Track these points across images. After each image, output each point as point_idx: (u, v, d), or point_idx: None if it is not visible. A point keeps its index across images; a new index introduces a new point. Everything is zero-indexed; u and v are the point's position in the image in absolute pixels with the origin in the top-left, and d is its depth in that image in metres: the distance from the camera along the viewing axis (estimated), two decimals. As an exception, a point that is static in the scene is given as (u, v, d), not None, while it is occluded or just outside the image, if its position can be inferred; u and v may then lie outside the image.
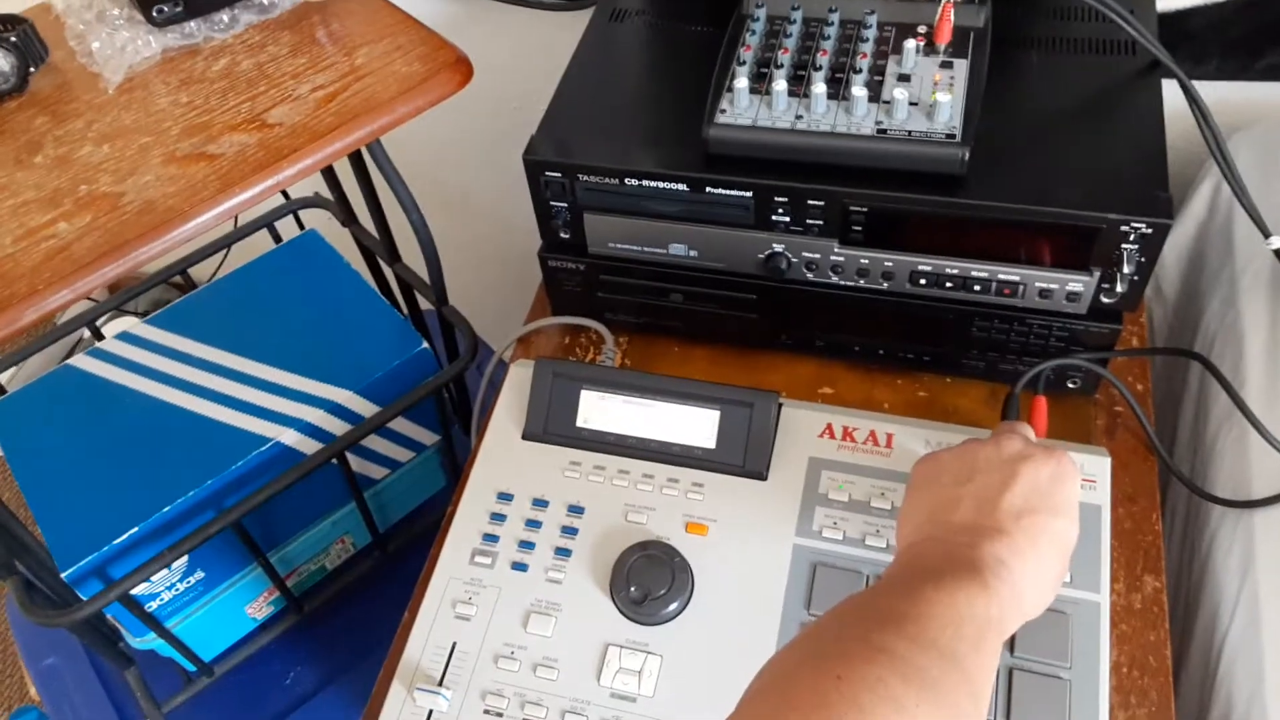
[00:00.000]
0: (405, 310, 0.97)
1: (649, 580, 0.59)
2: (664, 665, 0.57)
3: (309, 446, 0.80)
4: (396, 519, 0.97)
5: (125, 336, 0.88)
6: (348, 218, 1.00)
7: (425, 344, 0.85)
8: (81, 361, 0.86)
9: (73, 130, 0.65)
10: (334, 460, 0.79)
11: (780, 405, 0.65)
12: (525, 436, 0.67)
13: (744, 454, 0.64)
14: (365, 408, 0.82)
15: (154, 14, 0.68)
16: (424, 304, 0.94)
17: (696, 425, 0.65)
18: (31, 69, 0.69)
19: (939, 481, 0.53)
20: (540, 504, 0.64)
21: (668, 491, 0.63)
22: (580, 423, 0.66)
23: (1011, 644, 0.56)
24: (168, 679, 0.88)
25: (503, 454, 0.67)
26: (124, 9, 0.70)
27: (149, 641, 0.82)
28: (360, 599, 0.95)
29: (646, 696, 0.56)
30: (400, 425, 0.88)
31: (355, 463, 0.84)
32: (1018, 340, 0.71)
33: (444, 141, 1.24)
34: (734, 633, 0.58)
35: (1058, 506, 0.51)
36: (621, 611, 0.59)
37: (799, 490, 0.63)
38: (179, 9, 0.68)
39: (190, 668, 0.87)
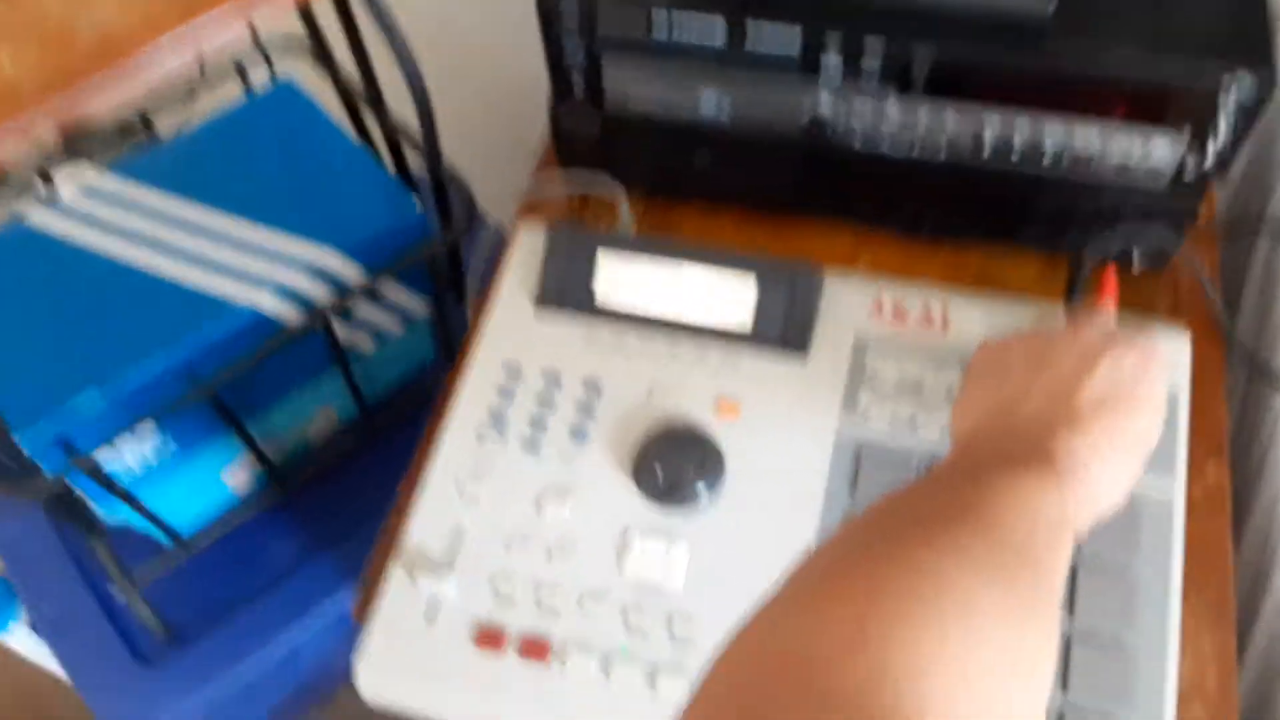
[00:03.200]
0: (393, 167, 0.88)
1: (676, 464, 0.53)
2: (692, 555, 0.52)
3: (288, 312, 0.73)
4: (383, 391, 0.90)
5: (83, 189, 0.79)
6: (326, 61, 0.89)
7: (417, 202, 0.77)
8: (34, 214, 0.78)
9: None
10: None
11: (822, 275, 0.59)
12: (538, 304, 0.60)
13: (783, 327, 0.57)
14: (351, 272, 0.75)
15: None
16: (414, 162, 0.85)
17: (730, 294, 0.58)
18: None
19: (1005, 370, 0.48)
20: (555, 380, 0.58)
21: (697, 370, 0.57)
22: (598, 291, 0.60)
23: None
24: (144, 555, 0.83)
25: (511, 324, 0.60)
26: None
27: (121, 519, 0.76)
28: (346, 475, 0.90)
29: (674, 588, 0.51)
30: (390, 293, 0.81)
31: (341, 332, 0.77)
32: (1087, 209, 0.64)
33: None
34: (769, 522, 0.53)
35: (1141, 401, 0.45)
36: (645, 495, 0.53)
37: (843, 370, 0.57)
38: None
39: (166, 542, 0.82)
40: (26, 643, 0.96)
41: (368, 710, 0.54)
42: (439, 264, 0.79)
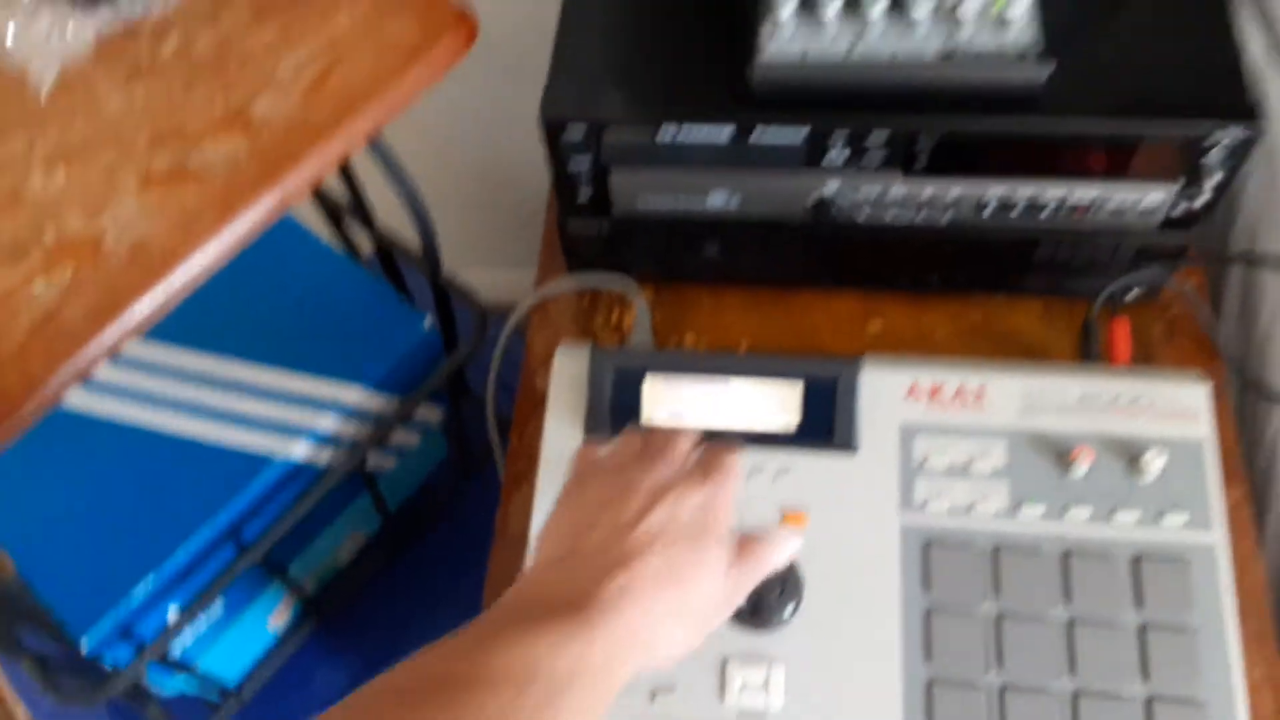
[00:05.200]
0: (382, 272, 0.88)
1: (758, 587, 0.55)
2: (788, 675, 0.54)
3: (322, 453, 0.73)
4: (404, 499, 0.91)
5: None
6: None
7: (429, 321, 0.77)
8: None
9: (13, 154, 0.54)
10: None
11: (858, 368, 0.61)
12: (587, 430, 0.62)
13: (831, 427, 0.59)
14: (376, 402, 0.75)
15: (75, -11, 0.56)
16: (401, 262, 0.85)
17: (774, 402, 0.60)
18: (-68, 74, 0.56)
19: (584, 493, 0.46)
20: (620, 509, 0.59)
21: (756, 480, 0.59)
22: (646, 414, 0.61)
23: (1140, 599, 0.54)
24: (195, 714, 0.83)
25: (566, 453, 0.61)
26: (32, -15, 0.58)
27: (175, 690, 0.76)
28: (377, 591, 0.90)
29: (776, 712, 0.53)
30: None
31: (370, 458, 0.78)
32: (1083, 256, 0.67)
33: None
34: (853, 628, 0.55)
35: (704, 534, 0.44)
36: (733, 622, 0.55)
37: (895, 461, 0.59)
38: (102, -21, 0.56)
39: (216, 698, 0.82)
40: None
41: None
42: (454, 377, 0.80)
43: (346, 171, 0.81)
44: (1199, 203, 0.62)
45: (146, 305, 0.48)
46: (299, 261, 0.82)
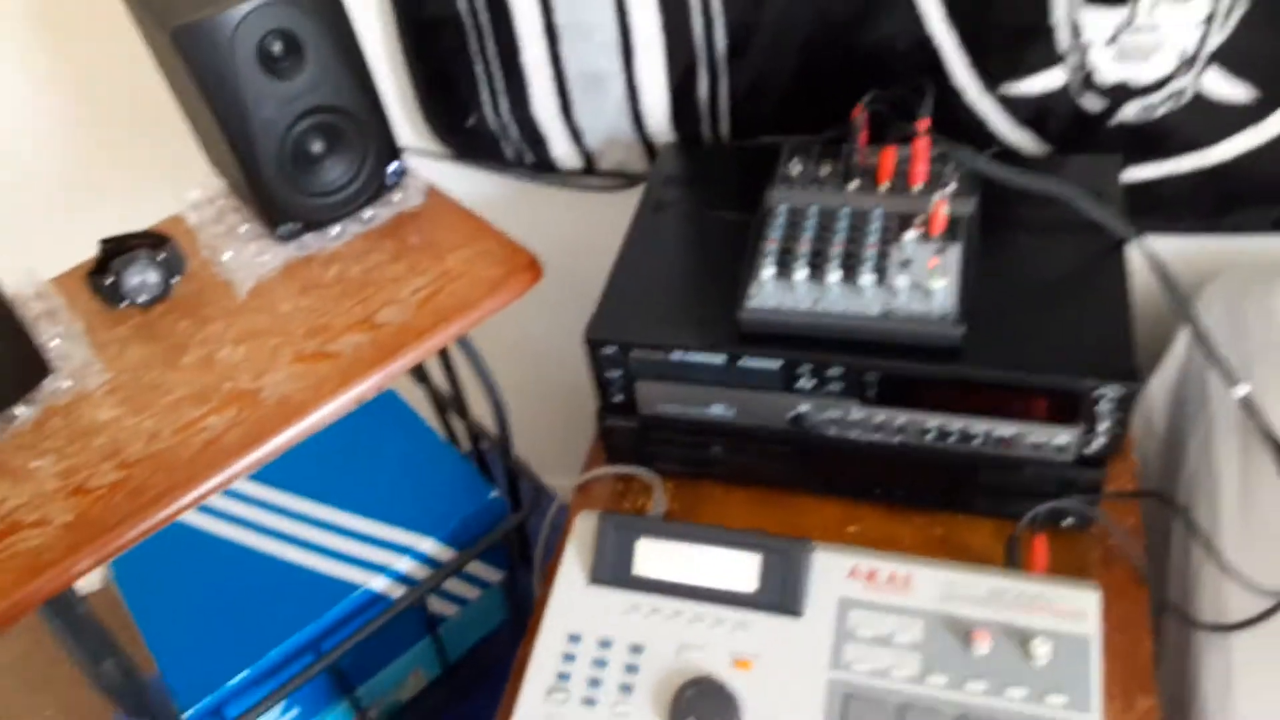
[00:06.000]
0: (468, 448, 1.09)
1: (704, 714, 0.68)
2: (720, 789, 0.66)
3: (396, 589, 0.91)
4: (464, 651, 1.07)
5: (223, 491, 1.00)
6: (421, 376, 1.13)
7: (496, 491, 0.97)
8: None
9: (213, 333, 0.78)
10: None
11: (812, 550, 0.75)
12: (591, 580, 0.78)
13: (781, 594, 0.74)
14: (443, 553, 0.93)
15: (279, 232, 0.82)
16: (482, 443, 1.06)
17: (739, 569, 0.75)
18: (174, 279, 0.82)
19: None
20: (606, 644, 0.74)
21: (716, 630, 0.73)
22: (637, 569, 0.77)
23: (1021, 765, 0.64)
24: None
25: (571, 597, 0.77)
26: (250, 225, 0.84)
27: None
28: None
29: (705, 816, 0.65)
30: (471, 565, 0.99)
31: (431, 602, 0.95)
32: (1017, 484, 0.81)
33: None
34: (779, 757, 0.67)
35: None
36: (680, 745, 0.68)
37: (831, 626, 0.72)
38: (299, 227, 0.82)
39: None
40: None
41: None
42: (513, 540, 0.98)
43: (451, 372, 1.03)
44: (1097, 445, 0.76)
45: (283, 439, 0.69)
46: (397, 433, 1.04)
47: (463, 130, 1.15)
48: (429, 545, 0.91)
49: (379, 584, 0.89)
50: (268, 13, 0.73)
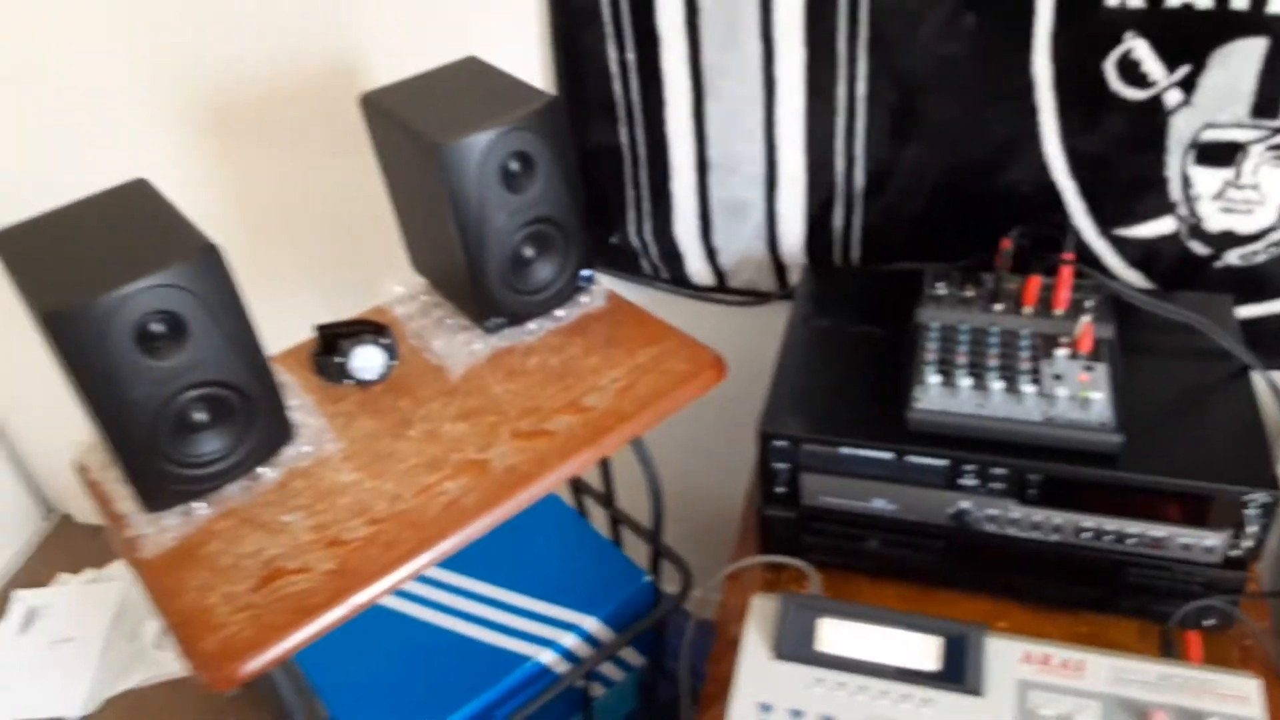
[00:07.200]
0: (616, 538, 1.14)
1: (903, 778, 0.73)
2: None
3: (560, 664, 0.96)
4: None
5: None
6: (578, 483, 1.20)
7: (648, 577, 1.02)
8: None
9: (433, 410, 0.86)
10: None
11: (988, 634, 0.81)
12: (775, 656, 0.83)
13: (964, 674, 0.79)
14: (603, 632, 0.98)
15: (487, 324, 0.91)
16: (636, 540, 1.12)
17: (921, 649, 0.80)
18: (393, 361, 0.91)
19: None
20: (798, 715, 0.79)
21: (903, 705, 0.78)
22: (819, 645, 0.82)
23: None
24: None
25: (758, 671, 0.82)
26: (457, 318, 0.93)
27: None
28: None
29: None
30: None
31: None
32: (1164, 584, 0.87)
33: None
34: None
35: None
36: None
37: (1013, 706, 0.77)
38: (504, 320, 0.91)
39: None
40: None
41: None
42: (661, 626, 1.03)
43: (606, 470, 1.11)
44: (1244, 547, 0.83)
45: (515, 502, 0.76)
46: (549, 520, 1.10)
47: (606, 246, 1.26)
48: (591, 623, 0.96)
49: (546, 658, 0.93)
50: (511, 137, 0.84)
